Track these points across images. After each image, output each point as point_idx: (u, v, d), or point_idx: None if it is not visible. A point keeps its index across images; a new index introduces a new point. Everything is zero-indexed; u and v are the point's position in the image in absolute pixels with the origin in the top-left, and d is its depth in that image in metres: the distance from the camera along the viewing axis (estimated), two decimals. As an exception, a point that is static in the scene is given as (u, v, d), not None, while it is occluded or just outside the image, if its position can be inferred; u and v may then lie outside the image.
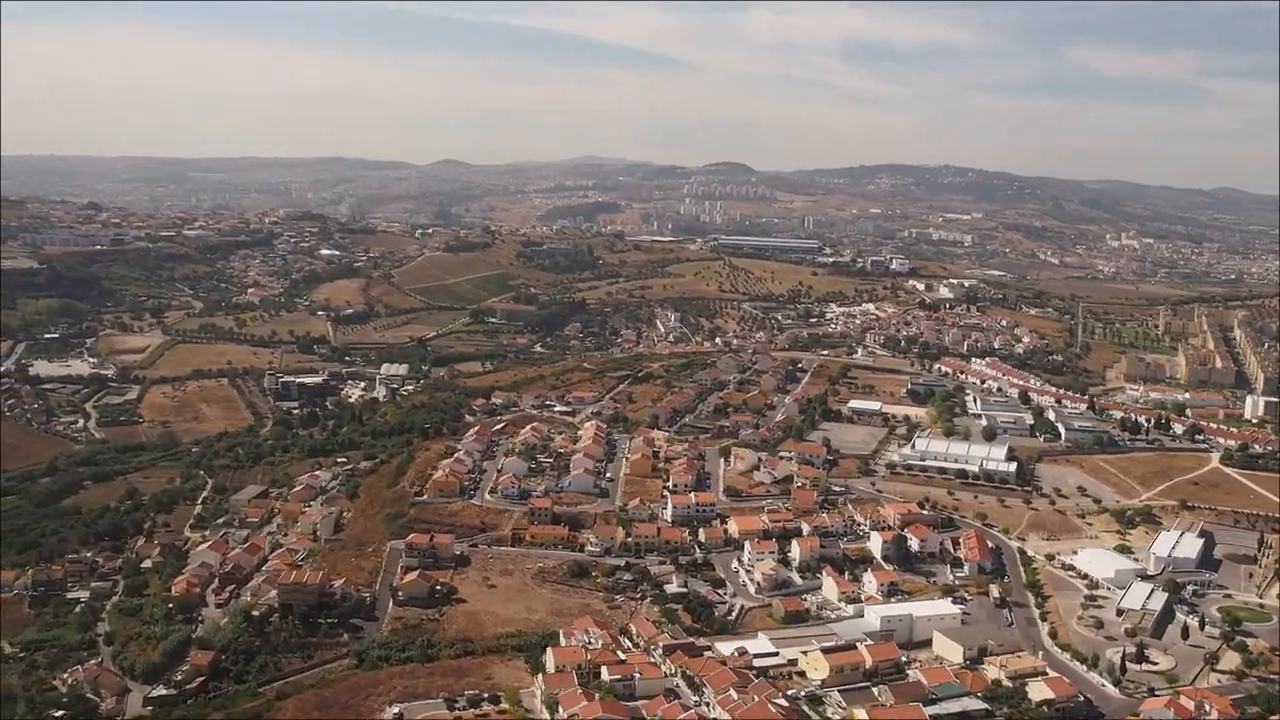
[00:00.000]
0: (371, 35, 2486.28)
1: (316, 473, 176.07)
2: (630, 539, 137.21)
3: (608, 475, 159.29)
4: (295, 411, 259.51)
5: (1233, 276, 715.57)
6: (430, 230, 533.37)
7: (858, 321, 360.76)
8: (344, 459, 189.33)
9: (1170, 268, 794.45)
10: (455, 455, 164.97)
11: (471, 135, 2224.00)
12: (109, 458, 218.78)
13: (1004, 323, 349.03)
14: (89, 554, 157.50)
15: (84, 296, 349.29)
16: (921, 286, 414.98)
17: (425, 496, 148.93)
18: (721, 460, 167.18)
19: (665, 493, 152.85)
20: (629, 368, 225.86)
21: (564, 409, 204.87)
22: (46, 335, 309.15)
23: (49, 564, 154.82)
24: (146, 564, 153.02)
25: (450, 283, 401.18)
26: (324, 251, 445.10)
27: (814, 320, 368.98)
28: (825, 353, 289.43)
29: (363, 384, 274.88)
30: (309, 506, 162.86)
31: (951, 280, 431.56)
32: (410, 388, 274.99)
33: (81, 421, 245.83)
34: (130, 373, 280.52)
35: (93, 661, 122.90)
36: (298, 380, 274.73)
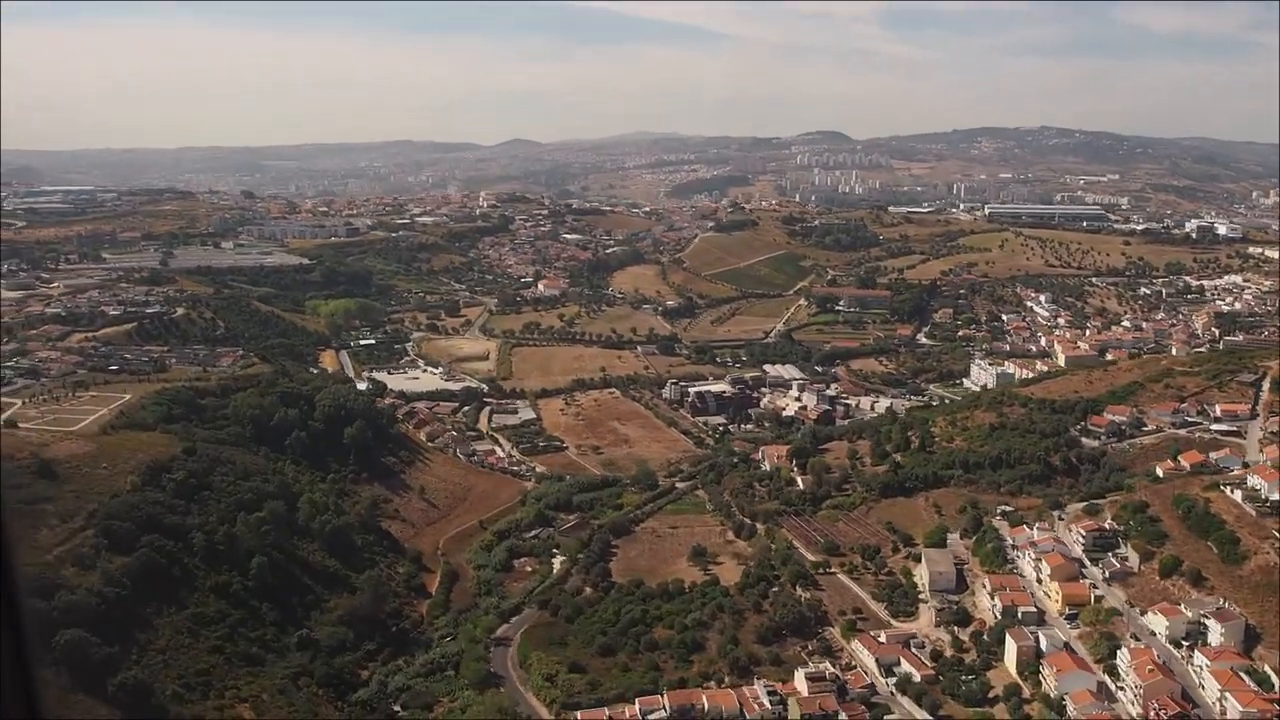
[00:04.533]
0: (408, 21, 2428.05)
1: (1040, 534, 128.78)
2: None
3: None
4: (725, 427, 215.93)
5: None
6: (649, 210, 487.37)
7: (1248, 297, 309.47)
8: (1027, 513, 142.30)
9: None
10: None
11: (519, 114, 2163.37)
12: (585, 499, 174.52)
13: None
14: (816, 667, 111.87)
15: (363, 294, 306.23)
16: (1275, 254, 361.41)
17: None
18: None
19: None
20: (1241, 365, 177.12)
21: (1224, 428, 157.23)
22: (362, 341, 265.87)
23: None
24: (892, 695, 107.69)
25: (743, 266, 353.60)
26: (567, 236, 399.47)
27: (1191, 296, 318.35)
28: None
29: (793, 393, 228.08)
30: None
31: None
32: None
33: (497, 449, 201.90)
34: (494, 384, 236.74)
35: None
36: (712, 390, 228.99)
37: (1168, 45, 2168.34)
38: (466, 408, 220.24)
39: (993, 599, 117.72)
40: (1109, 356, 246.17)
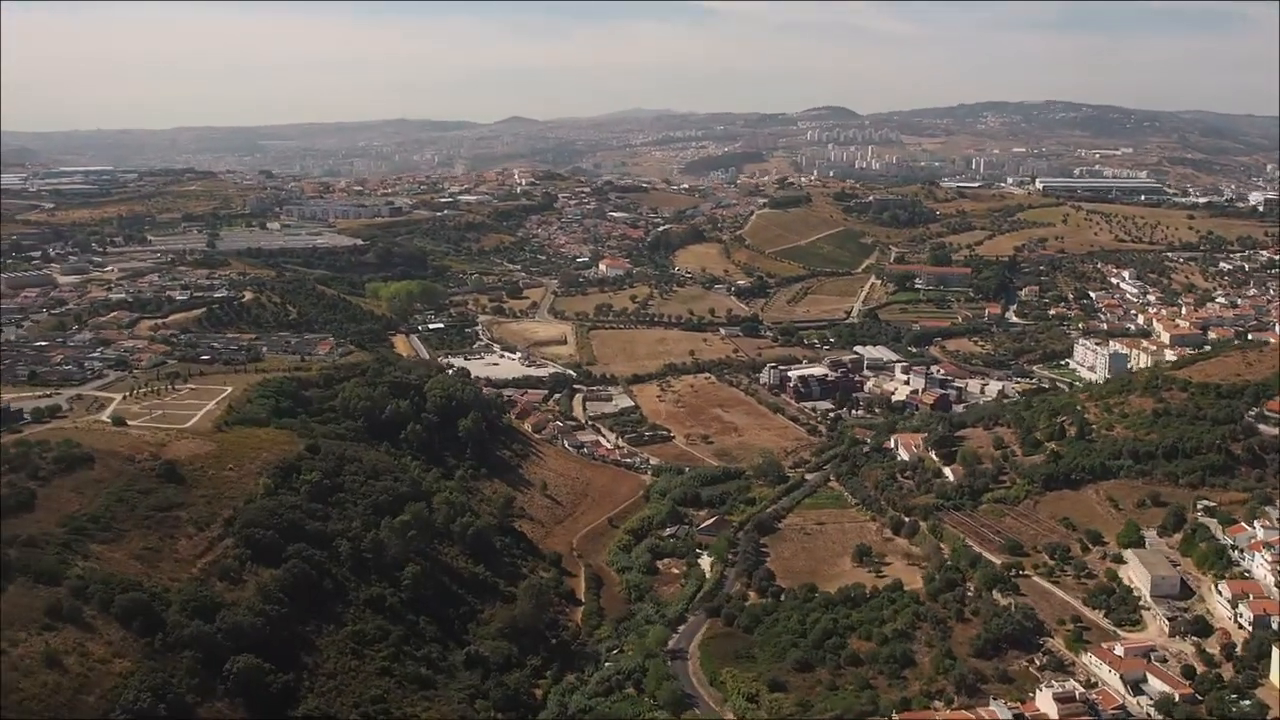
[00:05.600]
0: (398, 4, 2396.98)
1: (1269, 534, 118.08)
2: None
3: None
4: (835, 413, 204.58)
5: None
6: (686, 186, 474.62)
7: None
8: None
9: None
10: None
11: (515, 92, 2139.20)
12: (713, 493, 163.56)
13: None
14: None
15: (421, 275, 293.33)
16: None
17: None
18: None
19: None
20: None
21: None
22: (430, 325, 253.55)
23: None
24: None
25: (804, 244, 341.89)
26: (615, 214, 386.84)
27: (1276, 271, 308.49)
28: None
29: (899, 376, 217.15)
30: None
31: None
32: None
33: (603, 439, 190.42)
34: (580, 369, 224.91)
35: None
36: (814, 374, 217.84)
37: (1160, 19, 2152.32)
38: (558, 395, 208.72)
39: (1235, 607, 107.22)
40: (1212, 335, 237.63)
